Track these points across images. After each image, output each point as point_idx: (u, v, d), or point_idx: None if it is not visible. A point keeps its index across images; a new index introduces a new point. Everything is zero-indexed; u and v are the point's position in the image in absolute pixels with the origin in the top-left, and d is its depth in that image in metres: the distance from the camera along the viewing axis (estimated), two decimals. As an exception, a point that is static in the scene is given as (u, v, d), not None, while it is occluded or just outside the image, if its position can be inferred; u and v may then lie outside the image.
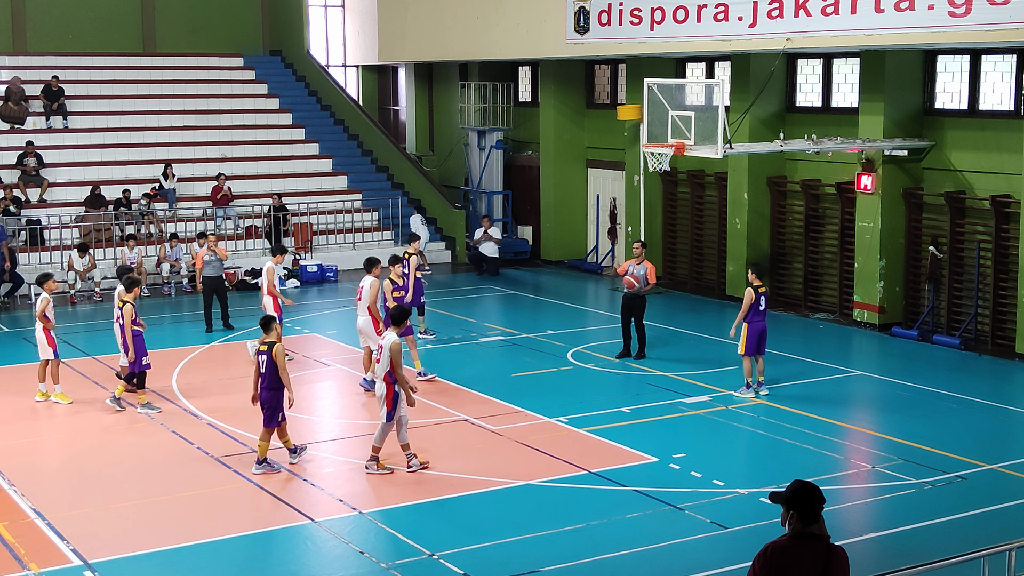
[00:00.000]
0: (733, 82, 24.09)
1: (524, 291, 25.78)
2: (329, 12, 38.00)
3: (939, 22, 18.40)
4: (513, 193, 31.43)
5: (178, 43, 34.23)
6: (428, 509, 12.84)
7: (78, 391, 17.66)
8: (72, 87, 31.17)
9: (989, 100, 20.65)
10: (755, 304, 16.82)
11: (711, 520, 12.36)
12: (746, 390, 17.03)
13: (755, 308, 16.83)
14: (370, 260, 17.86)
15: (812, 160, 23.17)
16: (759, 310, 16.88)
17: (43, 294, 17.23)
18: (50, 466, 14.32)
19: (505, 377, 18.51)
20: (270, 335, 13.82)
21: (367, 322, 17.25)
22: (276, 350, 13.69)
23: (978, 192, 20.68)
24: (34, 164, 28.03)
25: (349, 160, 32.50)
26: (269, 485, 13.49)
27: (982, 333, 20.52)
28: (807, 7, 20.47)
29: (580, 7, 25.35)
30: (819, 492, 6.92)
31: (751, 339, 16.83)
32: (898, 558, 11.17)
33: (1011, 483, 13.64)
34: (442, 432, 15.61)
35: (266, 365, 13.71)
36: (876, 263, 21.77)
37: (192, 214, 28.39)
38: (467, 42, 29.50)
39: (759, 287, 16.93)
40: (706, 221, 26.20)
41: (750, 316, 16.82)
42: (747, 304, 16.83)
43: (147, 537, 12.00)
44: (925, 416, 16.32)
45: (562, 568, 11.17)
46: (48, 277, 17.64)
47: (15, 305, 24.36)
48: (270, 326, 13.87)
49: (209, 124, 31.54)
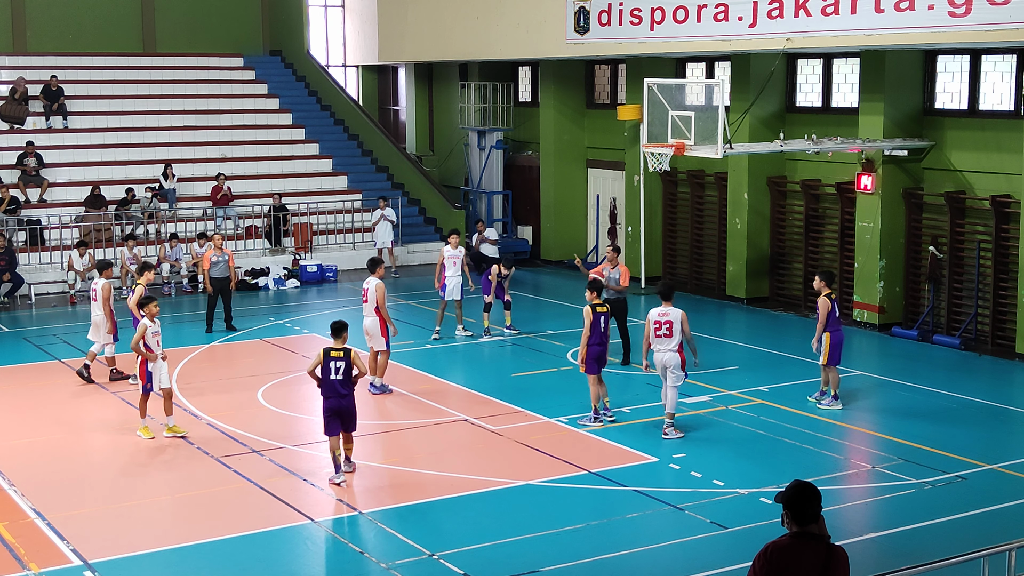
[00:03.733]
0: (733, 82, 24.09)
1: (524, 291, 25.78)
2: (329, 12, 38.01)
3: (939, 22, 18.40)
4: (513, 193, 31.43)
5: (178, 43, 34.23)
6: (428, 509, 12.84)
7: (78, 390, 17.67)
8: (72, 87, 31.17)
9: (989, 100, 20.65)
10: (831, 312, 16.36)
11: (711, 520, 12.36)
12: (835, 401, 16.46)
13: (832, 316, 16.37)
14: (373, 260, 17.83)
15: (812, 160, 23.17)
16: (835, 318, 16.42)
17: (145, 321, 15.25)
18: (50, 466, 14.31)
19: (505, 377, 18.51)
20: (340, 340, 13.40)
21: (374, 323, 17.20)
22: (354, 355, 13.29)
23: (978, 192, 20.68)
24: (34, 164, 28.03)
25: (349, 160, 32.50)
26: (269, 485, 13.48)
27: (982, 333, 20.52)
28: (807, 7, 20.47)
29: (580, 7, 25.35)
30: (815, 492, 6.92)
31: (834, 349, 16.33)
32: (898, 558, 11.17)
33: (1011, 483, 13.64)
34: (442, 432, 15.62)
35: (343, 371, 13.25)
36: (876, 263, 21.77)
37: (192, 214, 28.40)
38: (467, 42, 29.50)
39: (830, 294, 16.47)
40: (706, 221, 26.20)
41: (830, 325, 16.32)
42: (824, 313, 16.29)
43: (147, 537, 12.00)
44: (925, 416, 16.32)
45: (562, 568, 11.17)
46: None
47: (15, 305, 24.37)
48: (341, 332, 13.46)
49: (209, 124, 31.54)
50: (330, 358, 13.28)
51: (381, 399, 17.12)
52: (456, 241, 20.91)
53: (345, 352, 13.32)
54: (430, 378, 18.36)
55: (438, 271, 20.70)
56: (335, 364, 13.23)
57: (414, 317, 22.74)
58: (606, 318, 15.63)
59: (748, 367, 18.92)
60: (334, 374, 13.22)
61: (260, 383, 17.82)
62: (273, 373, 18.24)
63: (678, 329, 15.10)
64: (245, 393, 17.36)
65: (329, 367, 13.24)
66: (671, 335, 15.09)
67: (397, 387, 17.55)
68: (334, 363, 13.24)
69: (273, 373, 18.24)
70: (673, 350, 15.09)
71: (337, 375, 13.22)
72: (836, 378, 16.58)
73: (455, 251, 20.70)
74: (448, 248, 20.76)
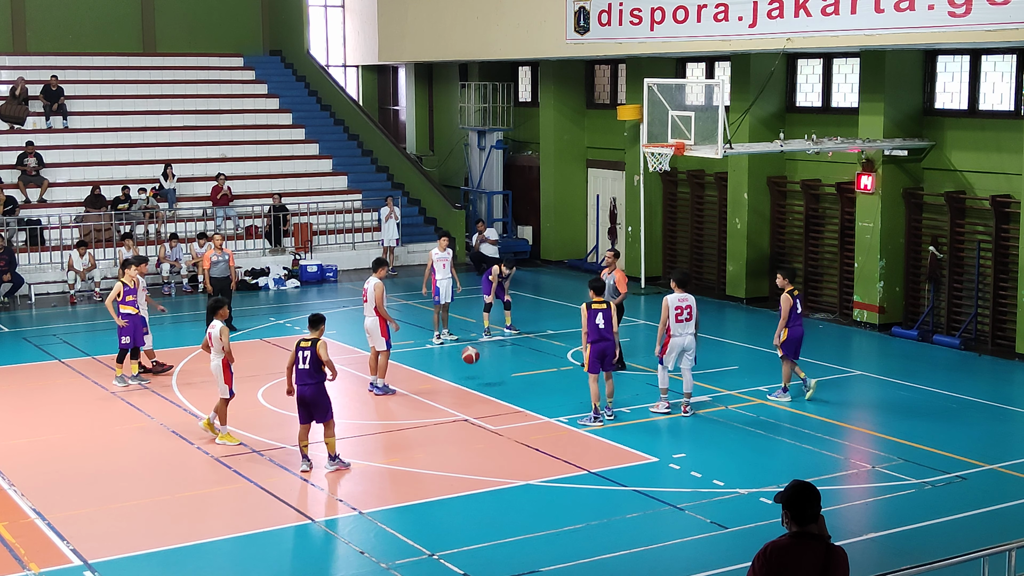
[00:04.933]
0: (733, 82, 24.09)
1: (524, 291, 25.78)
2: (329, 12, 38.01)
3: (939, 22, 18.40)
4: (513, 193, 31.43)
5: (178, 43, 34.23)
6: (428, 509, 12.84)
7: (79, 391, 17.67)
8: (72, 87, 31.17)
9: (989, 100, 20.65)
10: (792, 308, 16.61)
11: (711, 520, 12.36)
12: (782, 393, 16.86)
13: (793, 312, 16.60)
14: (377, 260, 17.90)
15: (812, 160, 23.17)
16: (796, 314, 16.65)
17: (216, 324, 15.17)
18: (50, 466, 14.31)
19: (505, 377, 18.51)
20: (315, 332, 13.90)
21: (374, 323, 17.21)
22: (319, 344, 13.76)
23: (978, 192, 20.68)
24: (34, 164, 28.03)
25: (349, 160, 32.50)
26: (269, 485, 13.48)
27: (982, 333, 20.52)
28: (807, 7, 20.47)
29: (580, 7, 25.35)
30: (815, 492, 6.92)
31: (791, 343, 16.62)
32: (898, 558, 11.17)
33: (1011, 483, 13.64)
34: (442, 432, 15.62)
35: (309, 360, 13.71)
36: (876, 263, 21.77)
37: (192, 214, 28.40)
38: (467, 42, 29.50)
39: (792, 291, 16.75)
40: (706, 221, 26.20)
41: (791, 321, 16.58)
42: (787, 309, 16.57)
43: (147, 537, 12.00)
44: (925, 416, 16.32)
45: (562, 568, 11.17)
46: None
47: (15, 305, 24.37)
48: (318, 324, 13.99)
49: (209, 124, 31.54)
50: (300, 348, 13.86)
51: (382, 399, 17.12)
52: (445, 243, 20.81)
53: (312, 342, 13.83)
54: (430, 378, 18.37)
55: (427, 275, 20.63)
56: (303, 353, 13.79)
57: (414, 317, 22.74)
58: (605, 315, 15.63)
59: (748, 367, 18.92)
60: (302, 363, 13.76)
61: (260, 383, 17.81)
62: (273, 373, 18.22)
63: (696, 313, 16.03)
64: (245, 393, 17.34)
65: (298, 356, 13.82)
66: (691, 318, 15.98)
67: (397, 387, 17.54)
68: (302, 352, 13.80)
69: (273, 373, 18.22)
70: (693, 333, 15.99)
71: (304, 364, 13.74)
72: (788, 372, 16.88)
73: (443, 253, 20.59)
74: (436, 251, 20.68)
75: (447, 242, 21.02)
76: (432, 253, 20.71)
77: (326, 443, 13.93)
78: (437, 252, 20.65)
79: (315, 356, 13.69)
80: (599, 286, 16.01)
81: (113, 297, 17.81)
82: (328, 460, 13.90)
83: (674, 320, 15.89)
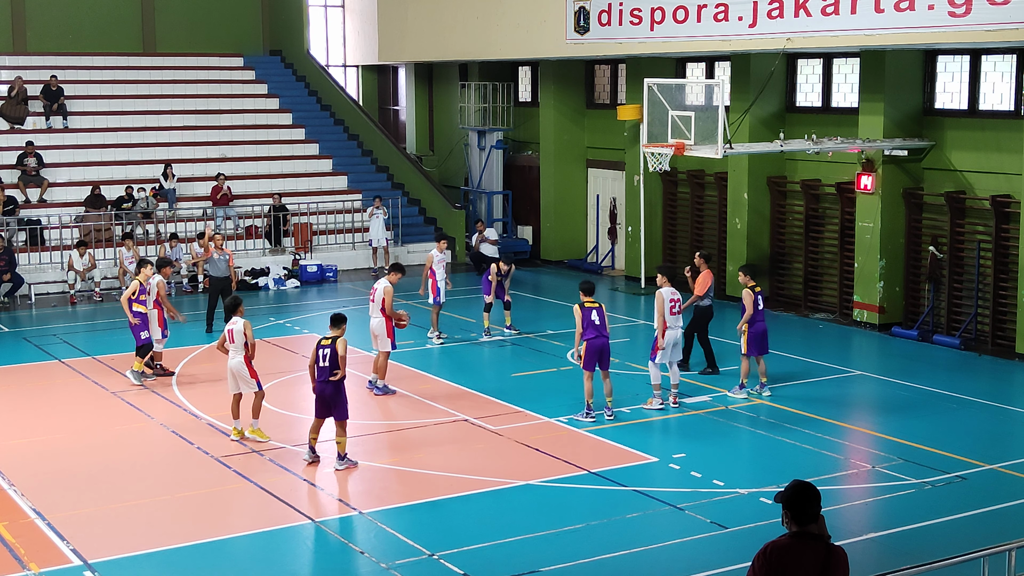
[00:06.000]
0: (733, 82, 24.09)
1: (524, 291, 25.78)
2: (329, 12, 38.01)
3: (939, 22, 18.41)
4: (513, 193, 31.43)
5: (178, 43, 34.23)
6: (428, 509, 12.84)
7: (79, 391, 17.67)
8: (72, 87, 31.17)
9: (989, 100, 20.65)
10: (755, 304, 16.91)
11: (711, 520, 12.36)
12: (739, 390, 17.07)
13: (755, 308, 16.91)
14: (395, 265, 18.11)
15: (812, 160, 23.17)
16: (758, 310, 16.95)
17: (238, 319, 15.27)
18: (50, 466, 14.31)
19: (505, 377, 18.51)
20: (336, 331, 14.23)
21: (380, 324, 17.23)
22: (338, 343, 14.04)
23: (978, 192, 20.68)
24: (34, 164, 28.03)
25: (349, 160, 32.50)
26: (269, 485, 13.49)
27: (982, 333, 20.52)
28: (807, 7, 20.47)
29: (580, 7, 25.35)
30: (815, 492, 6.92)
31: (753, 339, 16.90)
32: (898, 558, 11.18)
33: (1011, 483, 13.64)
34: (442, 432, 15.62)
35: (329, 358, 13.96)
36: (876, 263, 21.77)
37: (192, 214, 28.40)
38: (467, 42, 29.50)
39: (754, 287, 17.03)
40: (706, 221, 26.20)
41: (753, 317, 16.91)
42: (750, 305, 16.86)
43: (147, 537, 12.00)
44: (925, 416, 16.32)
45: (562, 568, 11.17)
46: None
47: (15, 305, 24.36)
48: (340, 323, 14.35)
49: (209, 124, 31.54)
50: (320, 346, 14.13)
51: (382, 399, 17.12)
52: (443, 246, 21.28)
53: (333, 340, 14.12)
54: (430, 378, 18.37)
55: (425, 275, 20.73)
56: (323, 351, 14.07)
57: (413, 317, 22.71)
58: (600, 312, 15.79)
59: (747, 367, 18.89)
60: (322, 361, 14.05)
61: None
62: (273, 373, 18.22)
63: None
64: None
65: (319, 354, 14.07)
66: (681, 312, 16.65)
67: (397, 387, 17.53)
68: (322, 350, 14.08)
69: (273, 373, 18.22)
70: (682, 327, 16.68)
71: (324, 362, 14.03)
72: (746, 369, 17.12)
73: (442, 254, 21.02)
74: (435, 252, 20.93)
75: (446, 244, 21.35)
76: (431, 255, 20.87)
77: (337, 442, 14.05)
78: (436, 253, 20.87)
79: (335, 354, 13.99)
80: (589, 287, 16.26)
81: (128, 295, 18.02)
82: (337, 459, 14.01)
83: (668, 313, 16.22)
